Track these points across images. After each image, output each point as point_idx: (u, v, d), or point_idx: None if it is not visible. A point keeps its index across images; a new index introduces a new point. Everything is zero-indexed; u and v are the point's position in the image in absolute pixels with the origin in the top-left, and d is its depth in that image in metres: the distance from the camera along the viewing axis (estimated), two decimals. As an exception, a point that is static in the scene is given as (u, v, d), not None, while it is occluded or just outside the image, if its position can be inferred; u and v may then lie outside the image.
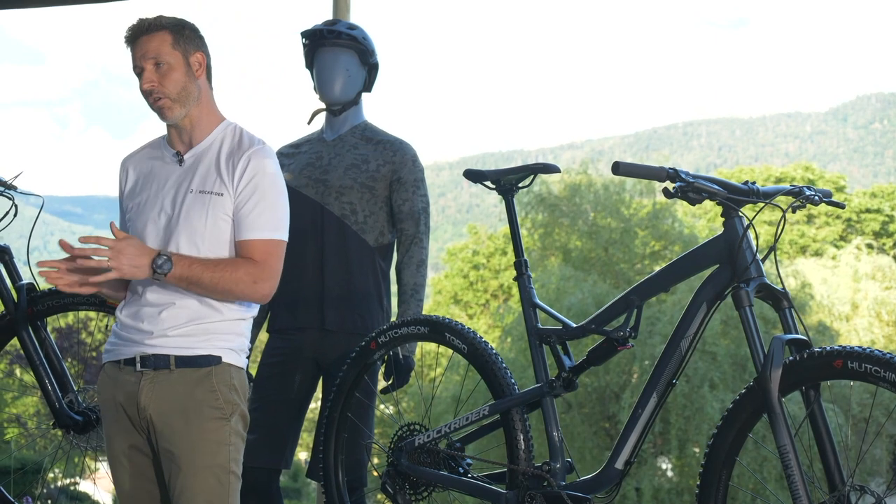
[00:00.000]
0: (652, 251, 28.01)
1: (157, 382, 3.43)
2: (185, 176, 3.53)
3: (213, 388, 3.44)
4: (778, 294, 3.44)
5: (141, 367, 3.44)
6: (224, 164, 3.50)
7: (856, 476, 3.30)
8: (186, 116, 3.53)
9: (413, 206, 4.59)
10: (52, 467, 8.93)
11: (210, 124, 3.58)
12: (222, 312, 3.48)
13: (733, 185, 3.47)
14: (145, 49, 3.48)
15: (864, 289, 29.05)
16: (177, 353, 3.43)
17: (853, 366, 3.13)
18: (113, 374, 3.52)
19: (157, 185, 3.56)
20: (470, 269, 44.11)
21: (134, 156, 3.72)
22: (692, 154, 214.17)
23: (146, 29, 3.49)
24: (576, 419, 23.19)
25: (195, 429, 3.40)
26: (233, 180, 3.47)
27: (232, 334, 3.51)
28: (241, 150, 3.51)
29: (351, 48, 4.64)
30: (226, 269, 3.39)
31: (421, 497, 4.07)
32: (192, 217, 3.45)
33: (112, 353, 3.54)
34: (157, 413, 3.41)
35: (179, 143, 3.58)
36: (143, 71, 3.49)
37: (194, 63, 3.52)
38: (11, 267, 4.64)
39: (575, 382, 3.82)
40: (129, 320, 3.50)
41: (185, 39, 3.51)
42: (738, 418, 3.40)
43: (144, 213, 3.54)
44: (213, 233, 3.45)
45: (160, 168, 3.60)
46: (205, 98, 3.56)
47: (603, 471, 3.66)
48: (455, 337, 4.02)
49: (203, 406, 3.42)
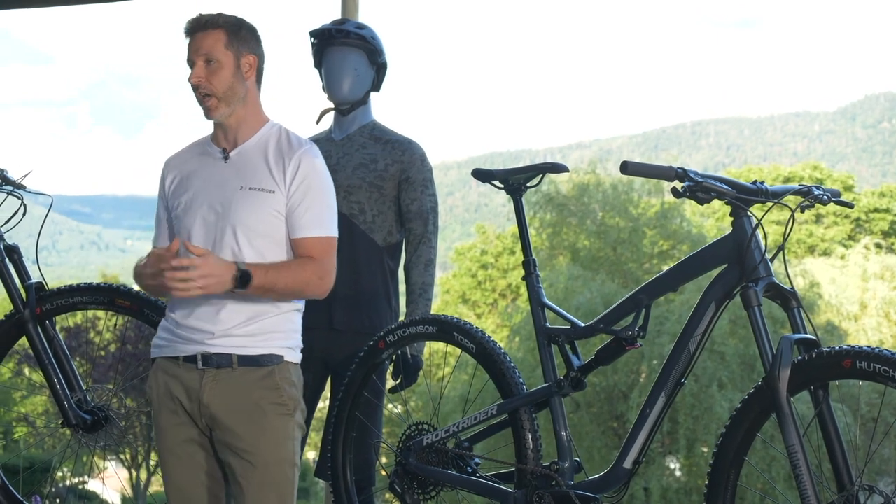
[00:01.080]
0: (660, 251, 27.98)
1: (220, 380, 3.51)
2: (233, 173, 3.58)
3: (277, 385, 3.54)
4: (786, 294, 3.44)
5: (203, 365, 3.52)
6: (274, 162, 3.56)
7: (864, 476, 3.30)
8: (232, 115, 3.59)
9: (421, 205, 4.59)
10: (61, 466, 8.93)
11: (256, 124, 3.64)
12: (279, 306, 3.57)
13: (742, 185, 3.47)
14: (199, 45, 3.55)
15: (872, 288, 28.99)
16: (239, 353, 3.51)
17: (862, 365, 3.13)
18: (170, 370, 3.59)
19: (203, 183, 3.61)
20: (478, 269, 44.12)
21: (177, 156, 3.77)
22: (700, 153, 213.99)
23: (203, 25, 3.56)
24: (584, 419, 23.17)
25: (261, 426, 3.50)
26: (284, 179, 3.53)
27: (289, 331, 3.61)
28: (292, 149, 3.58)
29: (359, 48, 4.64)
30: (296, 271, 3.49)
31: (429, 496, 4.08)
32: (243, 214, 3.50)
33: (168, 350, 3.60)
34: (222, 411, 3.50)
35: (224, 141, 3.64)
36: (195, 65, 3.55)
37: (245, 64, 3.58)
38: (20, 266, 4.65)
39: (583, 382, 3.82)
40: (184, 319, 3.57)
41: (239, 40, 3.56)
42: (746, 418, 3.39)
43: (192, 210, 3.58)
44: (266, 229, 3.52)
45: (205, 165, 3.65)
46: (251, 99, 3.62)
47: (611, 470, 3.66)
48: (463, 336, 4.02)
49: (267, 404, 3.51)
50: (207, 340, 3.51)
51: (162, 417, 3.61)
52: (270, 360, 3.54)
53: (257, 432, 3.50)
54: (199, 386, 3.52)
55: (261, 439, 3.50)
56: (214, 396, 3.50)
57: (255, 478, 3.50)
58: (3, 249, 4.63)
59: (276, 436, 3.52)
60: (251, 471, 3.50)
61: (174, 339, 3.59)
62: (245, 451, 3.50)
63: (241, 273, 3.37)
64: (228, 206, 3.52)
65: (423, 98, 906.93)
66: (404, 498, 4.07)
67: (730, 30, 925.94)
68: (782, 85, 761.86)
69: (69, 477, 20.35)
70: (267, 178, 3.54)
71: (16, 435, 28.77)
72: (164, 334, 3.64)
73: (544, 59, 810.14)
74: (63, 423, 4.57)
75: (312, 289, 3.53)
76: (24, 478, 5.43)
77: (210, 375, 3.51)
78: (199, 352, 3.52)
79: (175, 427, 3.58)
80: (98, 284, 4.59)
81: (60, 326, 4.91)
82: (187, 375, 3.54)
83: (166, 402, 3.59)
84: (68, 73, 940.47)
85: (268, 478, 3.51)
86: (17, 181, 4.66)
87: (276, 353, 3.56)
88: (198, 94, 3.56)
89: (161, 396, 3.60)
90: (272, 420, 3.52)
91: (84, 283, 4.62)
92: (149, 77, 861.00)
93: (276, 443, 3.52)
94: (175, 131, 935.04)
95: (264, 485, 3.50)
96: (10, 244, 4.67)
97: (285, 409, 3.54)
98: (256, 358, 3.52)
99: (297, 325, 3.66)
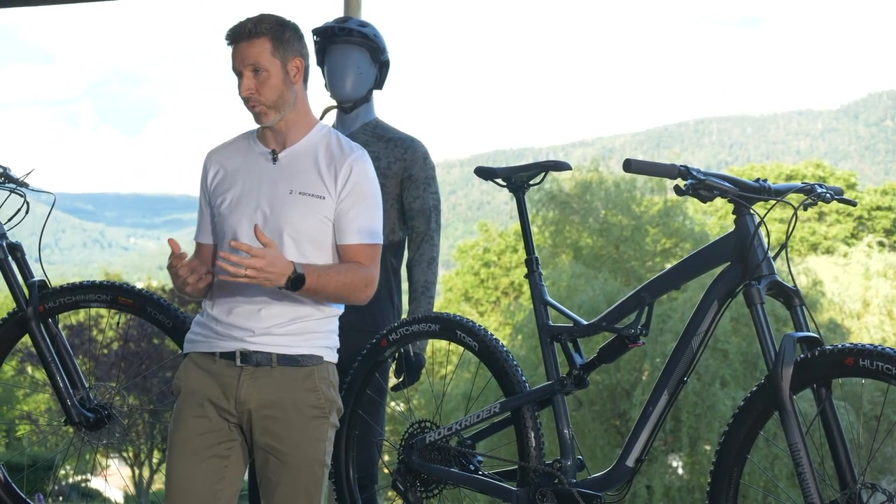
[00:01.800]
0: (663, 249, 27.98)
1: (258, 378, 3.50)
2: (282, 175, 3.55)
3: (315, 387, 3.53)
4: (789, 292, 3.44)
5: (241, 362, 3.51)
6: (325, 168, 3.53)
7: (867, 474, 3.30)
8: (282, 120, 3.56)
9: (424, 203, 4.59)
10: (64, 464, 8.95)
11: (305, 126, 3.62)
12: (321, 310, 3.56)
13: (745, 183, 3.47)
14: (245, 55, 3.49)
15: (875, 286, 28.94)
16: (279, 352, 3.50)
17: (864, 363, 3.13)
18: (205, 365, 3.57)
19: (251, 182, 3.58)
20: (481, 267, 44.11)
21: (220, 150, 3.74)
22: (703, 151, 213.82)
23: (248, 34, 3.50)
24: (587, 417, 23.18)
25: (297, 427, 3.50)
26: (335, 185, 3.52)
27: (329, 332, 3.61)
28: (343, 155, 3.55)
29: (362, 45, 4.64)
30: (346, 275, 3.47)
31: (432, 494, 4.08)
32: (293, 218, 3.49)
33: (204, 345, 3.59)
34: (259, 409, 3.50)
35: (273, 142, 3.61)
36: (242, 76, 3.50)
37: (292, 69, 3.54)
38: (23, 264, 4.65)
39: (586, 380, 3.82)
40: (224, 316, 3.55)
41: (284, 46, 3.51)
42: (749, 416, 3.40)
43: (239, 209, 3.56)
44: (314, 235, 3.51)
45: (252, 164, 3.62)
46: (300, 102, 3.59)
47: (614, 468, 3.67)
48: (466, 334, 4.02)
49: (304, 405, 3.51)
50: (248, 338, 3.50)
51: (185, 408, 3.57)
52: (310, 361, 3.53)
53: (292, 432, 3.49)
54: (236, 383, 3.50)
55: (295, 440, 3.49)
56: (252, 395, 3.49)
57: (286, 477, 3.50)
58: (6, 247, 4.63)
59: (310, 437, 3.51)
60: (282, 469, 3.50)
61: (211, 335, 3.57)
62: (278, 450, 3.49)
63: (297, 275, 3.34)
64: (278, 209, 3.50)
65: (425, 96, 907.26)
66: (407, 496, 4.08)
67: (732, 28, 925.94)
68: (785, 83, 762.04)
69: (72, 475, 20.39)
70: (317, 183, 3.51)
71: (19, 433, 28.83)
72: (200, 329, 3.62)
73: (547, 58, 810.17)
74: (66, 421, 4.57)
75: (358, 295, 3.53)
76: (27, 476, 5.44)
77: (248, 373, 3.50)
78: (238, 349, 3.51)
79: (196, 419, 3.54)
80: (101, 282, 4.59)
81: (63, 324, 4.90)
82: (224, 372, 3.52)
83: (193, 395, 3.56)
84: (71, 72, 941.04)
85: (298, 478, 3.50)
86: (20, 179, 4.66)
87: (316, 354, 3.55)
88: (248, 105, 3.53)
89: (189, 387, 3.57)
90: (308, 421, 3.51)
91: (87, 281, 4.62)
92: (151, 76, 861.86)
93: (310, 444, 3.51)
94: (177, 130, 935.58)
95: (294, 484, 3.50)
96: (12, 242, 4.67)
97: (321, 411, 3.53)
98: (296, 358, 3.51)
99: (336, 328, 3.65)
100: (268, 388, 3.49)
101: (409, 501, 4.08)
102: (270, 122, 3.54)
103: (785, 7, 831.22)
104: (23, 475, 5.22)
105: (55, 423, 6.39)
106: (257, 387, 3.49)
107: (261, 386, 3.49)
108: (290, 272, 3.33)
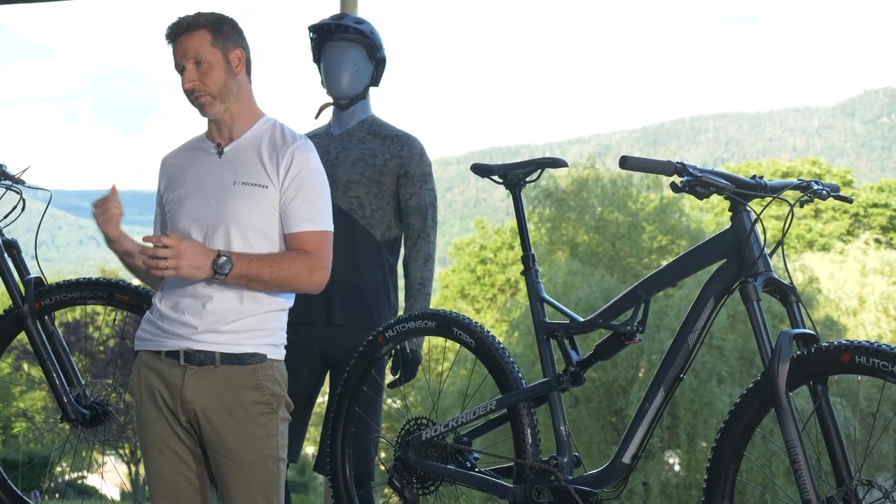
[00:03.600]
0: (659, 246, 27.98)
1: (202, 378, 3.51)
2: (227, 168, 3.59)
3: (259, 384, 3.53)
4: (785, 288, 3.44)
5: (185, 362, 3.52)
6: (268, 157, 3.57)
7: (863, 470, 3.31)
8: (227, 111, 3.60)
9: (420, 200, 4.59)
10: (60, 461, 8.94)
11: (250, 119, 3.65)
12: (265, 304, 3.57)
13: (741, 180, 3.47)
14: (185, 48, 3.53)
15: (871, 283, 28.99)
16: (222, 351, 3.51)
17: (861, 360, 3.14)
18: (152, 364, 3.58)
19: (196, 177, 3.62)
20: (477, 264, 44.10)
21: (173, 154, 3.79)
22: (699, 148, 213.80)
23: (186, 28, 3.54)
24: (583, 414, 23.18)
25: (244, 425, 3.51)
26: (278, 174, 3.55)
27: (274, 328, 3.60)
28: (286, 145, 3.59)
29: (358, 42, 4.64)
30: (283, 262, 3.49)
31: (428, 491, 4.08)
32: (236, 208, 3.52)
33: (151, 343, 3.60)
34: (204, 408, 3.50)
35: (219, 137, 3.64)
36: (185, 70, 3.54)
37: (234, 59, 3.57)
38: (19, 261, 4.65)
39: (582, 377, 3.83)
40: (170, 311, 3.56)
41: (223, 37, 3.56)
42: (745, 413, 3.40)
43: (186, 205, 3.60)
44: (259, 224, 3.53)
45: (199, 161, 3.66)
46: (244, 93, 3.63)
47: (610, 465, 3.67)
48: (462, 331, 4.02)
49: (249, 403, 3.52)
50: (192, 336, 3.50)
51: (145, 412, 3.59)
52: (254, 359, 3.54)
53: (240, 431, 3.50)
54: (181, 382, 3.51)
55: (243, 438, 3.50)
56: (197, 394, 3.50)
57: (239, 476, 3.51)
58: (2, 244, 4.63)
59: (259, 434, 3.52)
60: (235, 469, 3.51)
61: (158, 333, 3.58)
62: (228, 449, 3.50)
63: (225, 261, 3.39)
64: (222, 201, 3.53)
65: (422, 93, 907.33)
66: (403, 493, 4.08)
67: (728, 25, 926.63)
68: (781, 80, 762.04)
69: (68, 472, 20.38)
70: (260, 173, 3.54)
71: (15, 430, 28.79)
72: (149, 327, 3.63)
73: (543, 55, 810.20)
74: (62, 419, 4.58)
75: (302, 282, 3.53)
76: (23, 473, 5.44)
77: (192, 372, 3.51)
78: (181, 348, 3.52)
79: (158, 422, 3.56)
80: (97, 279, 4.59)
81: (59, 321, 4.91)
82: (169, 371, 3.53)
83: (149, 397, 3.57)
84: (69, 69, 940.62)
85: (251, 476, 3.51)
86: (16, 176, 4.66)
87: (260, 352, 3.55)
88: (192, 97, 3.57)
89: (143, 391, 3.59)
90: (255, 418, 3.52)
91: (83, 278, 4.62)
92: (150, 73, 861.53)
93: (259, 441, 3.52)
94: (175, 127, 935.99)
95: (248, 483, 3.51)
96: (8, 239, 4.67)
97: (268, 406, 3.54)
98: (240, 356, 3.52)
99: (283, 324, 3.65)
100: (212, 388, 3.50)
101: (405, 498, 4.08)
102: (216, 113, 3.58)
103: (782, 4, 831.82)
104: (19, 472, 5.21)
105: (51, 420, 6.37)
106: (201, 386, 3.50)
107: (205, 385, 3.50)
108: (213, 258, 3.38)
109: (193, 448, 3.59)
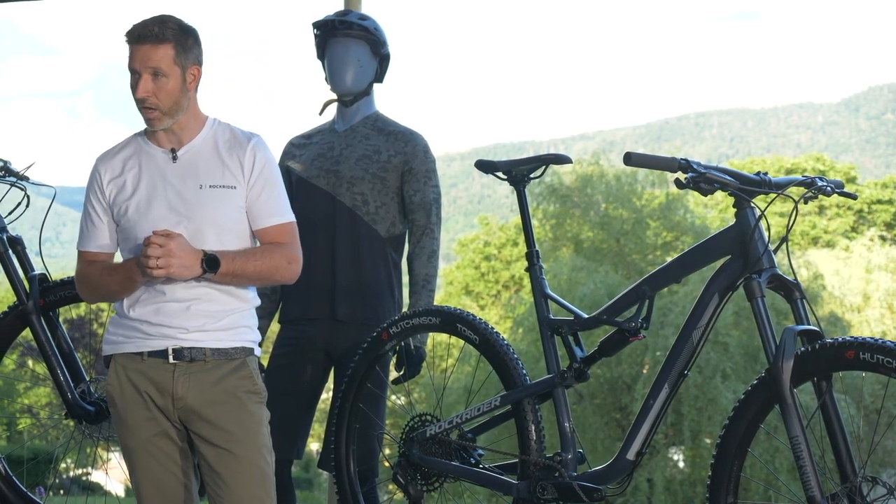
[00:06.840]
0: (664, 242, 27.98)
1: (193, 373, 3.53)
2: (187, 172, 3.58)
3: (250, 374, 3.60)
4: (790, 285, 3.44)
5: (174, 359, 3.52)
6: (228, 158, 3.60)
7: (868, 467, 3.31)
8: (175, 123, 3.60)
9: (424, 196, 4.59)
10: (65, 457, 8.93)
11: (197, 124, 3.66)
12: (246, 301, 3.64)
13: (745, 176, 3.47)
14: (147, 57, 3.51)
15: (875, 280, 28.96)
16: (212, 346, 3.54)
17: (865, 357, 3.14)
18: (133, 366, 3.57)
19: (153, 184, 3.59)
20: (481, 260, 44.09)
21: (111, 155, 3.71)
22: (704, 145, 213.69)
23: (154, 37, 3.51)
24: (587, 410, 23.18)
25: (239, 415, 3.55)
26: (243, 173, 3.59)
27: (253, 325, 3.68)
28: (243, 144, 3.63)
29: (362, 39, 4.63)
30: (264, 256, 3.56)
31: (432, 487, 4.09)
32: (209, 211, 3.53)
33: (129, 346, 3.58)
34: (198, 403, 3.53)
35: (167, 142, 3.63)
36: (140, 77, 3.52)
37: (189, 76, 3.58)
38: (24, 257, 4.66)
39: (587, 373, 3.82)
40: (151, 317, 3.54)
41: (186, 53, 3.55)
42: (749, 409, 3.40)
43: (151, 212, 3.56)
44: (232, 225, 3.57)
45: (150, 165, 3.62)
46: (192, 105, 3.63)
47: (614, 461, 3.67)
48: (466, 328, 4.03)
49: (242, 392, 3.57)
50: (180, 335, 3.52)
51: (130, 413, 3.58)
52: (241, 353, 3.60)
53: (236, 421, 3.53)
54: (170, 380, 3.52)
55: (240, 427, 3.53)
56: (189, 389, 3.52)
57: (237, 466, 3.52)
58: (7, 241, 4.64)
59: (254, 423, 3.57)
60: (232, 459, 3.52)
61: (136, 336, 3.56)
62: (225, 440, 3.52)
63: (209, 258, 3.42)
64: (192, 206, 3.53)
65: (426, 89, 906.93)
66: (407, 489, 4.08)
67: (733, 21, 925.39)
68: (786, 76, 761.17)
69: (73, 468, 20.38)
70: (226, 174, 3.57)
71: (19, 426, 28.82)
72: (122, 331, 3.60)
73: (548, 51, 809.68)
74: (67, 415, 4.58)
75: (282, 273, 3.62)
76: (27, 469, 5.44)
77: (182, 369, 3.52)
78: (169, 346, 3.52)
79: (146, 422, 3.56)
80: (101, 276, 4.58)
81: (64, 318, 4.91)
82: (155, 370, 3.53)
83: (134, 398, 3.56)
84: (72, 65, 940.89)
85: (250, 465, 3.53)
86: (21, 173, 4.67)
87: (247, 347, 3.62)
88: (141, 106, 3.54)
89: (126, 393, 3.57)
90: (249, 407, 3.57)
91: (87, 274, 4.61)
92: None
93: (255, 430, 3.56)
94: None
95: (247, 472, 3.53)
96: (13, 236, 4.67)
97: (259, 396, 3.61)
98: (228, 351, 3.57)
99: (256, 318, 3.72)
100: (204, 382, 3.53)
101: (409, 495, 4.09)
102: (162, 127, 3.58)
103: (786, 0, 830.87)
104: (24, 468, 5.22)
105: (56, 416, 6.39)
106: (194, 381, 3.52)
107: (197, 380, 3.52)
108: (199, 258, 3.41)
109: (181, 444, 3.60)
